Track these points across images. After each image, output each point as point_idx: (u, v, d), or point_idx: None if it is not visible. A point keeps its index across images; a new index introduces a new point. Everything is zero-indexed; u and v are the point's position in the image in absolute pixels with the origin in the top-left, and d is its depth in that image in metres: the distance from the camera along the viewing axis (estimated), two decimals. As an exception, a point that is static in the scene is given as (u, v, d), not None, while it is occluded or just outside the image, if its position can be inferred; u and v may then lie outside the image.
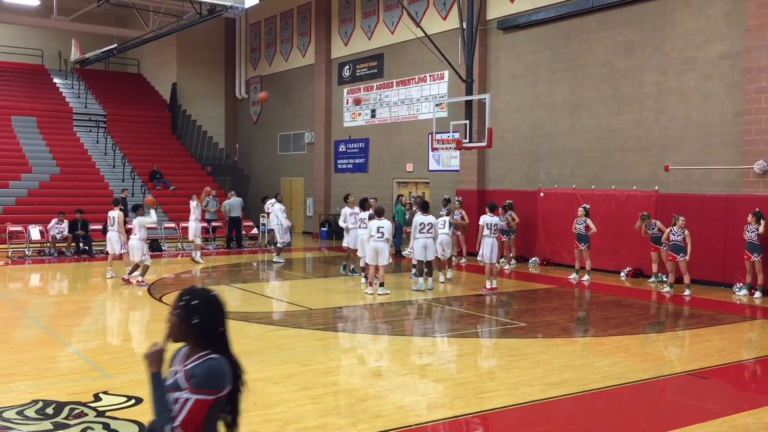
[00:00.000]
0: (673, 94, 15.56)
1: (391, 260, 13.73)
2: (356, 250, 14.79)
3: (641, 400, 7.05)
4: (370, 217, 13.65)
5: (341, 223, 15.70)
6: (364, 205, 15.05)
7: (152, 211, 14.64)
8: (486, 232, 13.79)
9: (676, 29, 15.49)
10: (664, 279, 14.29)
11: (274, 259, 18.40)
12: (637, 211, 15.43)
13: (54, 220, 19.43)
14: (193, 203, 19.19)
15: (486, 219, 13.96)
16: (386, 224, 13.15)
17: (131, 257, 14.38)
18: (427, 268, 13.77)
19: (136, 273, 14.30)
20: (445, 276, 14.86)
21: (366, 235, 13.36)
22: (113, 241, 15.48)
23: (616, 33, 16.67)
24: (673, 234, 13.53)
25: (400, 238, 19.52)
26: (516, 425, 6.33)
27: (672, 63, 15.57)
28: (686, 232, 13.41)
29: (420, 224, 13.46)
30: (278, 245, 18.64)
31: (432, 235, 13.44)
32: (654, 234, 14.49)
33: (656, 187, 15.63)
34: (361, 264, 14.11)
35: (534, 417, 6.48)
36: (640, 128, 16.24)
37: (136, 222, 14.22)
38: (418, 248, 13.50)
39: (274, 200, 19.21)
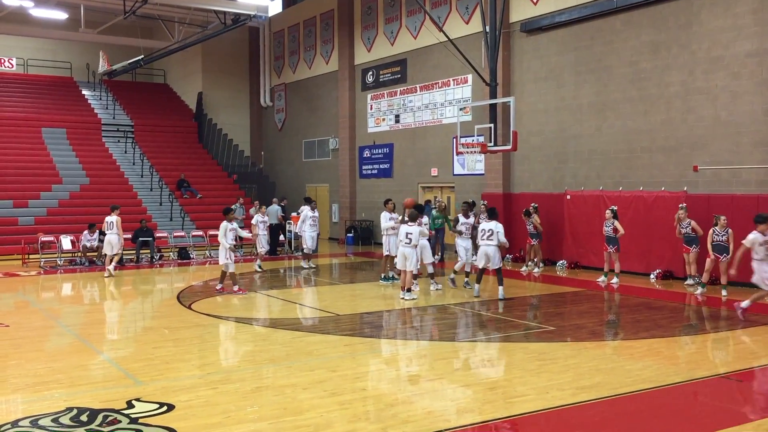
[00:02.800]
0: (700, 94, 15.38)
1: (419, 266, 13.70)
2: (393, 257, 14.80)
3: (674, 403, 6.96)
4: (402, 221, 13.68)
5: (383, 225, 15.41)
6: (421, 208, 14.54)
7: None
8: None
9: (703, 28, 15.32)
10: (697, 280, 14.11)
11: (303, 266, 18.43)
12: (666, 212, 15.29)
13: (86, 232, 19.73)
14: (258, 216, 19.18)
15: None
16: (415, 230, 13.15)
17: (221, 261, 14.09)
18: (476, 273, 13.71)
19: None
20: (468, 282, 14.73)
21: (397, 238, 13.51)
22: (113, 243, 17.21)
23: (642, 33, 16.52)
24: (716, 234, 13.35)
25: (442, 244, 19.36)
26: (547, 430, 6.29)
27: (699, 62, 15.39)
28: (729, 231, 13.23)
29: (482, 231, 13.28)
30: (305, 251, 18.67)
31: (493, 242, 12.82)
32: (687, 234, 14.30)
33: (685, 188, 15.45)
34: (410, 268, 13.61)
35: (565, 421, 6.42)
36: (667, 128, 16.06)
37: (223, 227, 14.17)
38: (479, 255, 13.21)
39: (306, 206, 18.98)
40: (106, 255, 17.52)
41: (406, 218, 13.41)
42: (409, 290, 13.08)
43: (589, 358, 8.60)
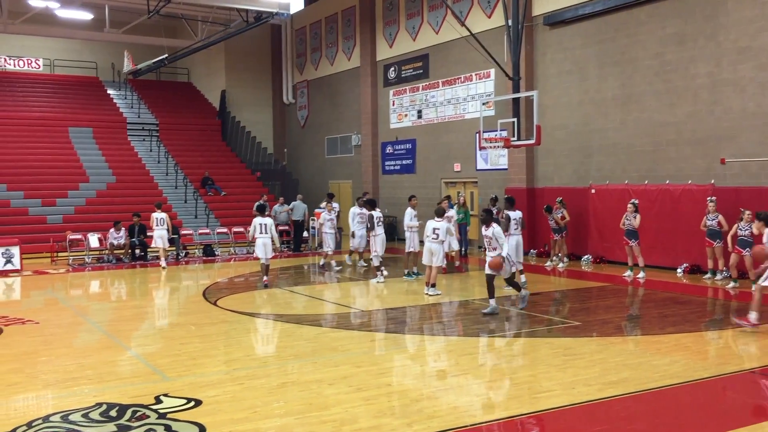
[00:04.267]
0: (727, 85, 15.16)
1: (445, 262, 13.69)
2: (416, 253, 14.86)
3: (702, 399, 6.89)
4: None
5: (407, 223, 15.40)
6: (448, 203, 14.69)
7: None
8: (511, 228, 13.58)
9: (730, 18, 15.09)
10: (727, 274, 13.93)
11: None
12: (693, 205, 15.12)
13: (112, 230, 19.96)
14: (325, 213, 18.35)
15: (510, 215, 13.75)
16: (442, 225, 13.15)
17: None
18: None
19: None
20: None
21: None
22: (164, 238, 18.61)
23: (667, 24, 16.32)
24: (740, 229, 13.17)
25: (466, 240, 19.35)
26: (573, 425, 6.25)
27: (726, 53, 15.16)
28: (753, 225, 13.03)
29: (514, 220, 13.43)
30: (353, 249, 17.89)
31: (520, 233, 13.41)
32: (711, 228, 14.11)
33: (712, 181, 15.24)
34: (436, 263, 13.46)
35: (592, 417, 6.39)
36: (694, 121, 15.86)
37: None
38: (511, 246, 13.07)
39: (355, 206, 17.81)
40: (161, 249, 18.69)
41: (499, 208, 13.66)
42: (433, 285, 13.08)
43: (615, 354, 8.54)
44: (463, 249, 18.56)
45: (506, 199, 14.47)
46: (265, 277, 14.77)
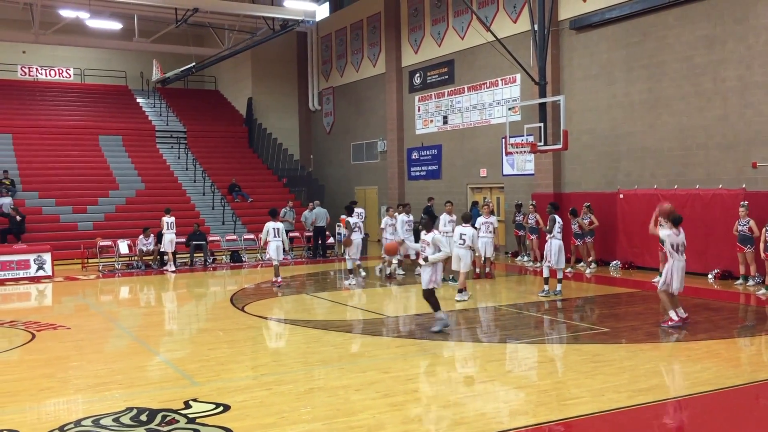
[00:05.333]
0: (759, 88, 14.93)
1: (471, 267, 13.62)
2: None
3: (734, 406, 6.78)
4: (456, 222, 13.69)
5: (441, 229, 15.21)
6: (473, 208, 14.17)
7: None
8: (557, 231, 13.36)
9: (760, 21, 14.87)
10: (758, 279, 13.70)
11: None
12: (724, 210, 14.90)
13: (141, 237, 20.20)
14: (387, 219, 17.16)
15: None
16: (469, 231, 13.13)
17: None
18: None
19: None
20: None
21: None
22: (174, 242, 19.17)
23: (696, 28, 16.13)
24: None
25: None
26: (603, 433, 6.19)
27: (757, 56, 14.94)
28: None
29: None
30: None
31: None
32: (742, 233, 13.90)
33: (743, 185, 15.01)
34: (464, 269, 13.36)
35: (621, 424, 6.31)
36: (724, 125, 15.64)
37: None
38: (553, 250, 13.04)
39: (403, 214, 16.75)
40: (170, 254, 19.21)
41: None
42: (460, 291, 13.05)
43: (645, 360, 8.43)
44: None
45: (551, 204, 14.27)
46: (279, 278, 15.77)
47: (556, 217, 13.46)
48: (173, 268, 19.26)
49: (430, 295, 10.31)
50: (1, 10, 27.74)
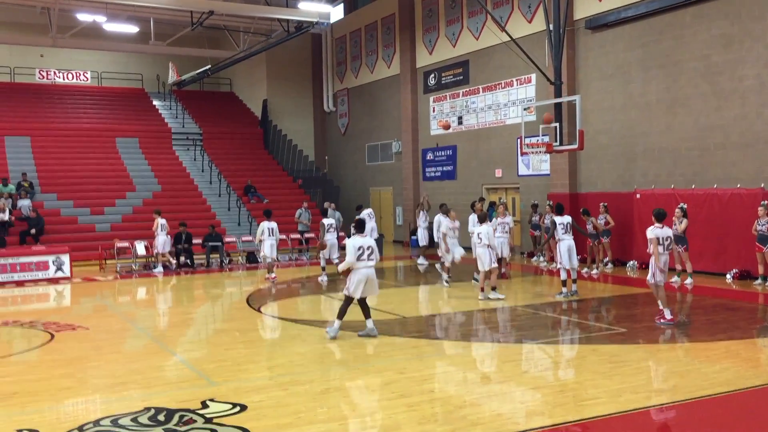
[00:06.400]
0: (777, 86, 14.79)
1: (495, 265, 13.57)
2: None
3: (754, 407, 6.71)
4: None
5: (470, 229, 14.80)
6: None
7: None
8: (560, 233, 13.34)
9: (779, 18, 14.73)
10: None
11: (445, 280, 15.44)
12: (743, 210, 14.76)
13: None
14: (448, 222, 15.52)
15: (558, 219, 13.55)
16: (484, 229, 13.16)
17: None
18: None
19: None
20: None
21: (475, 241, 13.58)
22: (167, 243, 19.38)
23: (713, 26, 16.01)
24: None
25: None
26: (620, 434, 6.15)
27: (775, 54, 14.80)
28: None
29: (561, 224, 13.26)
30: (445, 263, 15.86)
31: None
32: (761, 233, 13.76)
33: (762, 185, 14.86)
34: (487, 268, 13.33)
35: (639, 425, 6.28)
36: (742, 124, 15.50)
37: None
38: (563, 250, 13.04)
39: (439, 214, 15.83)
40: (159, 255, 19.34)
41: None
42: (482, 290, 13.10)
43: (663, 361, 8.37)
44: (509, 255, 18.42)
45: (555, 206, 14.25)
46: (273, 275, 16.81)
47: (556, 219, 13.43)
48: (161, 269, 19.33)
49: (344, 301, 10.07)
50: (19, 14, 28.06)
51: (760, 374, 7.76)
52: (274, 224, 17.09)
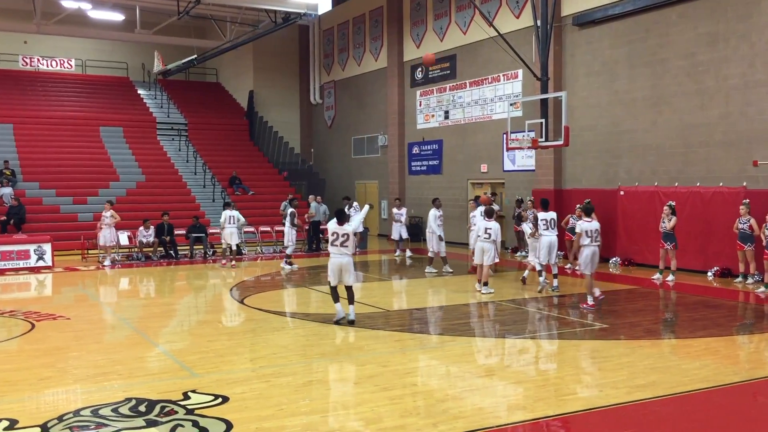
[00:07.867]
0: (761, 86, 14.92)
1: (497, 259, 13.67)
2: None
3: (733, 403, 6.79)
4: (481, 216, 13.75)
5: (475, 223, 14.78)
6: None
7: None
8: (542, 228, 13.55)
9: (763, 19, 14.85)
10: (757, 278, 13.71)
11: (444, 270, 16.33)
12: (725, 208, 14.89)
13: (141, 228, 20.20)
14: (434, 210, 16.94)
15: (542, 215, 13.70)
16: (494, 226, 13.22)
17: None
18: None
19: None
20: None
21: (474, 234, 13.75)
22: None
23: (698, 25, 16.10)
24: None
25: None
26: (600, 428, 6.20)
27: (759, 54, 14.92)
28: None
29: (543, 220, 13.38)
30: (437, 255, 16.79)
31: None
32: (743, 231, 13.89)
33: (744, 183, 15.00)
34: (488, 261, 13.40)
35: (619, 420, 6.33)
36: (725, 122, 15.63)
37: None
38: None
39: (433, 209, 16.85)
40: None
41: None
42: (485, 284, 13.20)
43: (643, 357, 8.44)
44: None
45: (541, 201, 14.33)
46: (233, 261, 18.44)
47: (539, 214, 13.58)
48: (109, 263, 19.02)
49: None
50: (3, -1, 27.70)
51: (739, 371, 7.85)
52: (235, 212, 18.59)
